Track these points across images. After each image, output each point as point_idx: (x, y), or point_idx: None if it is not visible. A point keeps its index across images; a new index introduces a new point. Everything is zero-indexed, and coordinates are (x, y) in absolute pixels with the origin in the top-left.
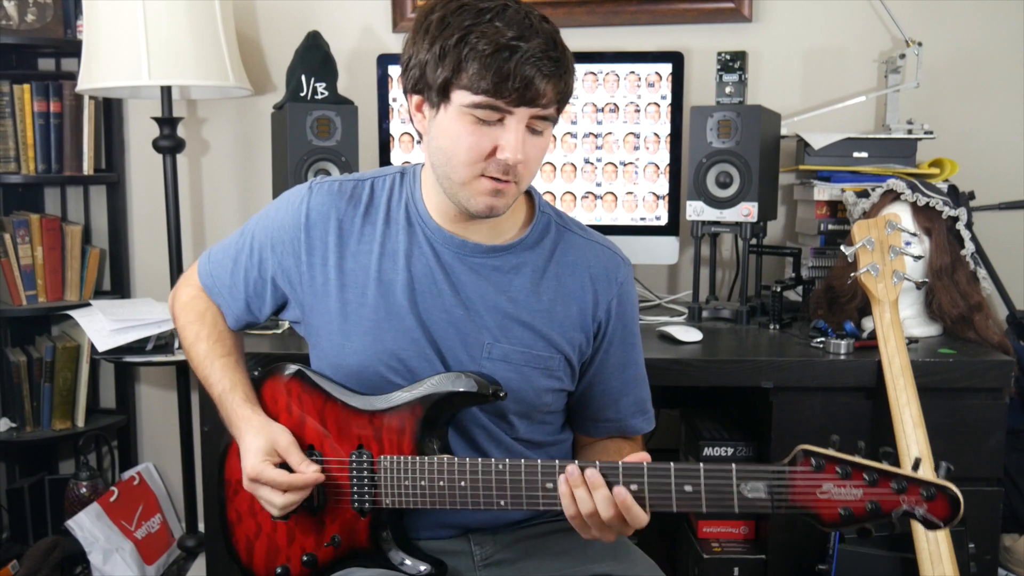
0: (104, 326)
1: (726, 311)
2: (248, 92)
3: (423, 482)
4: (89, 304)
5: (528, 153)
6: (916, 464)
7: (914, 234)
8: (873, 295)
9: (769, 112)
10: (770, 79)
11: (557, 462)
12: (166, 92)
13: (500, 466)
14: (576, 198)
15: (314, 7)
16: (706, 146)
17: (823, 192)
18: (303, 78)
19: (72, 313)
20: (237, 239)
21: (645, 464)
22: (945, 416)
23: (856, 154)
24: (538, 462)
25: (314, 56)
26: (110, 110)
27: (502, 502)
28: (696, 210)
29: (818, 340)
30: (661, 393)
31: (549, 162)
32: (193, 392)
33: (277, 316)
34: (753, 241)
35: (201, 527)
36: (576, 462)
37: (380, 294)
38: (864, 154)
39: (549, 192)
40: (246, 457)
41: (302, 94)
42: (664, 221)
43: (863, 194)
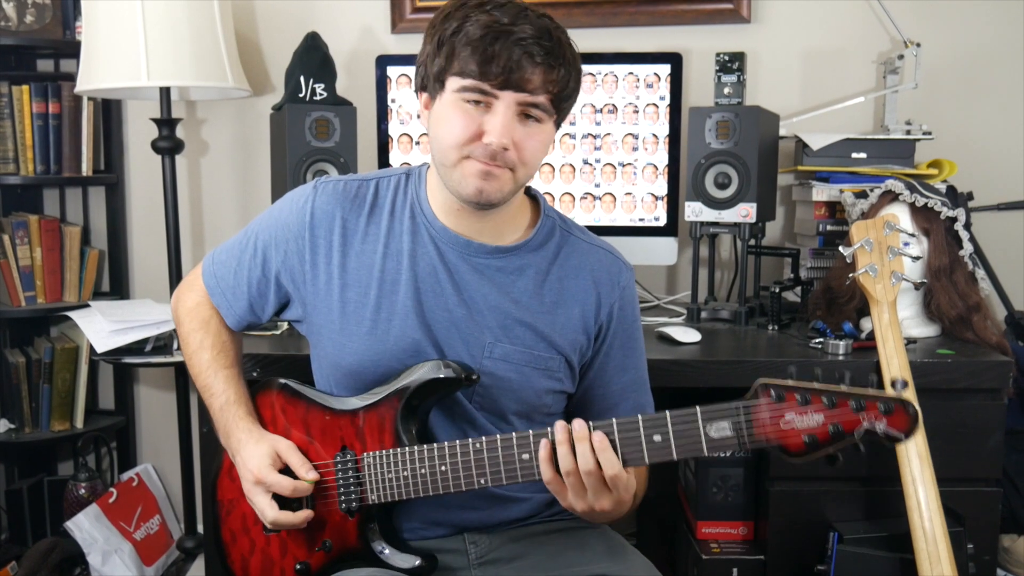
0: (103, 327)
1: (725, 312)
2: (247, 93)
3: (405, 472)
4: (88, 305)
5: (520, 141)
6: (873, 383)
7: (912, 235)
8: (872, 296)
9: (768, 113)
10: (769, 80)
11: (531, 433)
12: (165, 93)
13: (477, 445)
14: (575, 199)
15: (313, 8)
16: (705, 147)
17: (822, 193)
18: (302, 79)
19: (71, 314)
20: (241, 239)
21: (614, 420)
22: (944, 417)
23: (855, 155)
24: (513, 435)
25: (313, 57)
26: (109, 111)
27: (482, 480)
28: (695, 211)
29: (817, 341)
30: (659, 394)
31: (548, 163)
32: (192, 393)
33: (279, 316)
34: (752, 242)
35: (200, 528)
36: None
37: (383, 294)
38: (863, 155)
39: (548, 193)
40: (248, 462)
41: (301, 95)
42: (663, 222)
43: (861, 195)
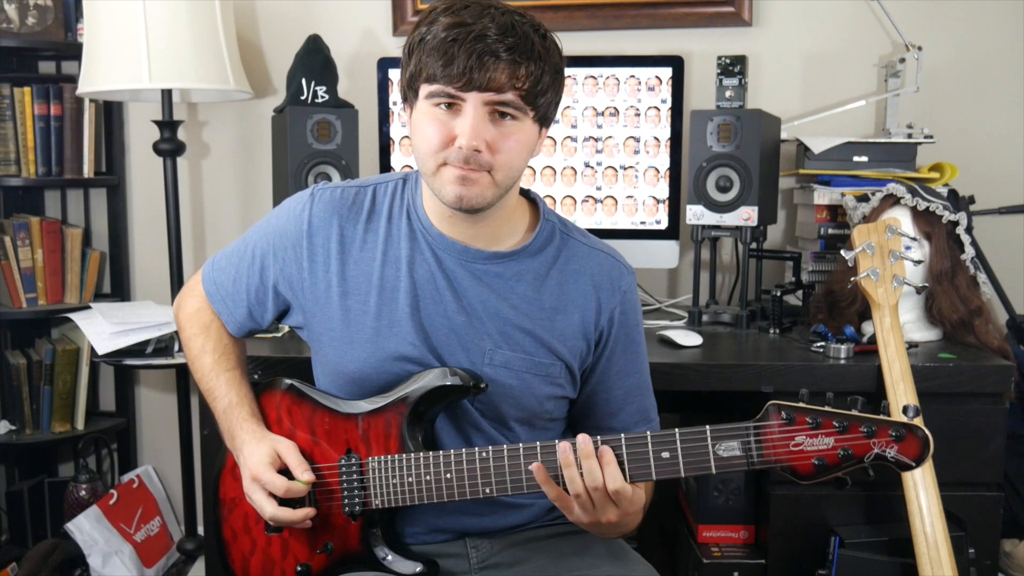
0: (104, 329)
1: (726, 315)
2: (248, 95)
3: (410, 479)
4: (89, 307)
5: (494, 141)
6: (884, 409)
7: (914, 238)
8: (873, 299)
9: (769, 116)
10: (770, 83)
11: (539, 444)
12: (166, 95)
13: (484, 454)
14: (576, 202)
15: (315, 10)
16: (706, 150)
17: (823, 196)
18: (303, 81)
19: (72, 316)
20: (240, 246)
21: (623, 436)
22: (945, 421)
23: (856, 158)
24: (520, 446)
25: (314, 59)
26: (110, 113)
27: (487, 489)
28: (696, 214)
29: (818, 344)
30: (661, 397)
31: (549, 166)
32: (193, 395)
33: (280, 322)
34: (753, 245)
35: (200, 530)
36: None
37: (382, 301)
38: (864, 158)
39: (549, 196)
40: (249, 460)
41: (302, 97)
42: (664, 225)
43: (863, 198)
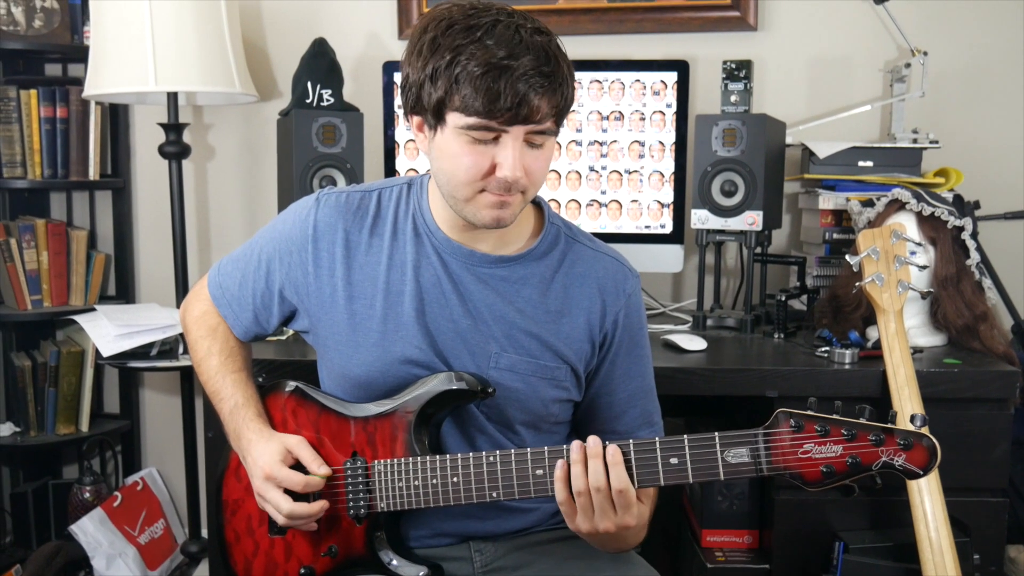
0: (109, 331)
1: (731, 320)
2: (254, 98)
3: (416, 482)
4: (94, 309)
5: (530, 166)
6: (892, 418)
7: (919, 244)
8: (878, 305)
9: (774, 121)
10: (775, 88)
11: (546, 449)
12: (172, 98)
13: (491, 458)
14: (581, 206)
15: (320, 14)
16: (711, 154)
17: (828, 201)
18: (309, 85)
19: (77, 318)
20: (246, 251)
21: (631, 441)
22: (950, 426)
23: (861, 163)
24: (527, 451)
25: (320, 63)
26: (116, 116)
27: (494, 493)
28: (701, 218)
29: (823, 349)
30: (665, 401)
31: (554, 170)
32: (197, 397)
33: (285, 326)
34: (758, 250)
35: (204, 532)
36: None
37: (388, 305)
38: (869, 163)
39: (554, 200)
40: (259, 460)
41: (308, 101)
42: (669, 229)
43: (868, 203)
